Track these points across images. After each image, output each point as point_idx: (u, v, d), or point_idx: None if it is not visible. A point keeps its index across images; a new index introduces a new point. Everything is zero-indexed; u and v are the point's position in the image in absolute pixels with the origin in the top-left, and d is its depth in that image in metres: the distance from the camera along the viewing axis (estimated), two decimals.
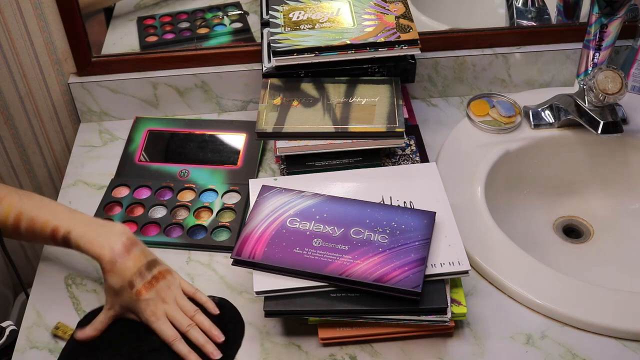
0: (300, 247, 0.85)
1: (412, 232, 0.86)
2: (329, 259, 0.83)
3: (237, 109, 1.24)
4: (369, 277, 0.81)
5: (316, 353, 0.87)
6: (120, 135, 1.21)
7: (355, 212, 0.89)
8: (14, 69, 1.18)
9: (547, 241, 1.12)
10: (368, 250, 0.84)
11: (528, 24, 1.25)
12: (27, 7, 1.11)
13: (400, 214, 0.88)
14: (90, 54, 1.18)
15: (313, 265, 0.83)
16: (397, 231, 0.86)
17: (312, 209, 0.89)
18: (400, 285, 0.80)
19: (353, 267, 0.82)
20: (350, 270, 0.82)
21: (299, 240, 0.85)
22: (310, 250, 0.84)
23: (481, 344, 0.88)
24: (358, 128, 0.98)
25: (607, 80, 1.03)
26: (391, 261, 0.82)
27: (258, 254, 0.85)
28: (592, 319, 0.88)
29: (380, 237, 0.85)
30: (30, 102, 1.23)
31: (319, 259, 0.83)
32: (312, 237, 0.86)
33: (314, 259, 0.83)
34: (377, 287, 0.81)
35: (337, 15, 1.07)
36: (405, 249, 0.84)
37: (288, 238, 0.86)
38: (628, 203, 1.15)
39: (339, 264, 0.82)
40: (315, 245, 0.85)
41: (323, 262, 0.83)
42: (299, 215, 0.88)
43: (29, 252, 1.46)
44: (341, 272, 0.82)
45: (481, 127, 1.15)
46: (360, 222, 0.87)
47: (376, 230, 0.86)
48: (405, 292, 0.80)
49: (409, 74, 1.07)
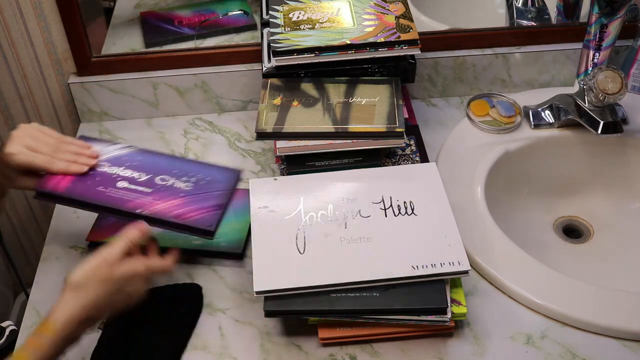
0: (104, 186, 0.90)
1: (216, 184, 0.93)
2: (130, 198, 0.89)
3: (237, 109, 1.24)
4: (167, 214, 0.88)
5: (316, 353, 0.87)
6: (120, 135, 1.21)
7: (166, 163, 0.96)
8: (14, 69, 1.18)
9: (547, 241, 1.12)
10: (170, 194, 0.90)
11: (528, 24, 1.25)
12: (27, 7, 1.11)
13: (208, 169, 0.95)
14: (90, 54, 1.18)
15: (112, 202, 0.88)
16: (202, 182, 0.93)
17: (124, 157, 0.96)
18: (195, 224, 0.87)
19: (152, 205, 0.88)
20: (150, 207, 0.88)
21: (104, 181, 0.91)
22: (113, 189, 0.90)
23: (481, 344, 0.88)
24: (358, 128, 0.98)
25: (607, 80, 1.03)
26: (191, 204, 0.89)
27: (61, 188, 0.90)
28: (592, 319, 0.88)
29: (184, 185, 0.92)
30: (30, 102, 1.23)
31: (120, 197, 0.89)
32: (117, 180, 0.92)
33: (115, 196, 0.89)
34: (174, 225, 0.87)
35: (337, 15, 1.07)
36: (206, 196, 0.91)
37: (93, 178, 0.92)
38: (628, 203, 1.15)
39: (139, 202, 0.89)
40: (119, 187, 0.91)
41: (124, 200, 0.89)
42: (109, 161, 0.95)
43: (29, 252, 1.46)
44: (140, 209, 0.88)
45: (481, 127, 1.15)
46: (168, 172, 0.94)
47: (182, 179, 0.93)
48: (200, 230, 0.87)
49: (409, 74, 1.07)
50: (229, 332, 0.91)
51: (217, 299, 0.94)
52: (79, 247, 1.02)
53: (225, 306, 0.94)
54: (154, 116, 1.24)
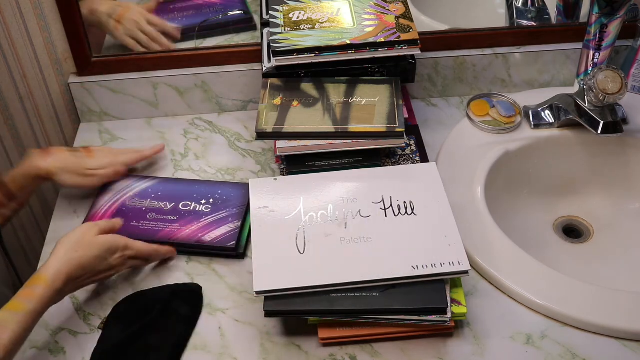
0: (137, 221, 1.01)
1: (232, 201, 1.03)
2: (160, 228, 1.00)
3: (237, 109, 1.24)
4: (192, 239, 0.99)
5: (316, 353, 0.87)
6: (120, 135, 1.21)
7: (185, 188, 1.06)
8: (14, 69, 1.18)
9: (547, 241, 1.12)
10: (193, 219, 1.01)
11: (528, 24, 1.25)
12: (27, 7, 1.11)
13: (222, 187, 1.06)
14: (90, 54, 1.18)
15: (146, 235, 0.99)
16: (218, 202, 1.03)
17: (149, 189, 1.06)
18: (217, 244, 0.98)
19: (179, 232, 0.99)
20: (177, 235, 0.99)
21: (136, 215, 1.02)
22: (145, 222, 1.01)
23: (481, 344, 0.88)
24: (358, 128, 0.98)
25: (607, 80, 1.03)
26: (211, 225, 1.00)
27: None
28: (592, 319, 0.88)
29: (204, 208, 1.03)
30: (30, 102, 1.23)
31: (152, 228, 1.00)
32: (147, 212, 1.03)
33: (147, 229, 1.00)
34: (198, 247, 0.98)
35: (337, 15, 1.07)
36: (224, 215, 1.01)
37: (127, 214, 1.02)
38: (628, 203, 1.15)
39: (168, 231, 1.00)
40: (149, 218, 1.02)
41: (155, 230, 1.00)
42: (138, 195, 1.05)
43: (29, 252, 1.46)
44: (169, 238, 0.99)
45: (481, 127, 1.15)
46: (189, 196, 1.05)
47: (201, 203, 1.03)
48: (222, 249, 0.98)
49: (409, 74, 1.07)
50: (229, 332, 0.91)
51: (217, 299, 0.94)
52: None
53: (225, 306, 0.94)
54: (154, 116, 1.24)
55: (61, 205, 1.09)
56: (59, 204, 1.09)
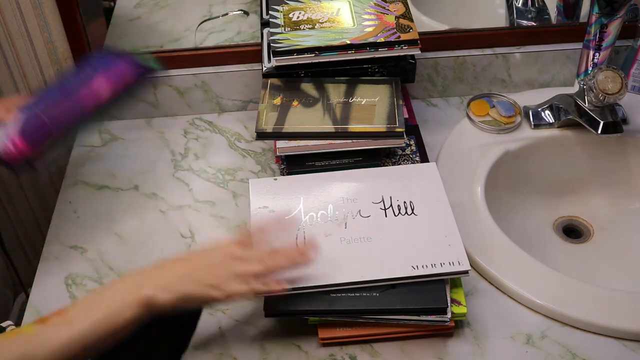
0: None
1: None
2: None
3: (237, 109, 1.24)
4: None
5: (316, 353, 0.87)
6: (120, 135, 1.21)
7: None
8: (14, 69, 1.18)
9: (547, 241, 1.12)
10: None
11: (528, 24, 1.25)
12: (27, 7, 1.11)
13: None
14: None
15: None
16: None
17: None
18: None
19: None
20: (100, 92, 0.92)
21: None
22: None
23: (481, 344, 0.88)
24: (358, 128, 0.98)
25: (607, 80, 1.03)
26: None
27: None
28: (592, 319, 0.88)
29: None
30: None
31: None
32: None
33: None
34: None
35: (337, 15, 1.07)
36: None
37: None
38: (628, 203, 1.16)
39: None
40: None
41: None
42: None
43: (29, 252, 1.46)
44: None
45: (481, 127, 1.15)
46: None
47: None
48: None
49: (409, 74, 1.07)
50: (229, 332, 0.91)
51: None
52: (78, 247, 1.02)
53: (225, 306, 0.94)
54: (154, 116, 1.24)
55: (61, 205, 1.09)
56: (59, 204, 1.09)
